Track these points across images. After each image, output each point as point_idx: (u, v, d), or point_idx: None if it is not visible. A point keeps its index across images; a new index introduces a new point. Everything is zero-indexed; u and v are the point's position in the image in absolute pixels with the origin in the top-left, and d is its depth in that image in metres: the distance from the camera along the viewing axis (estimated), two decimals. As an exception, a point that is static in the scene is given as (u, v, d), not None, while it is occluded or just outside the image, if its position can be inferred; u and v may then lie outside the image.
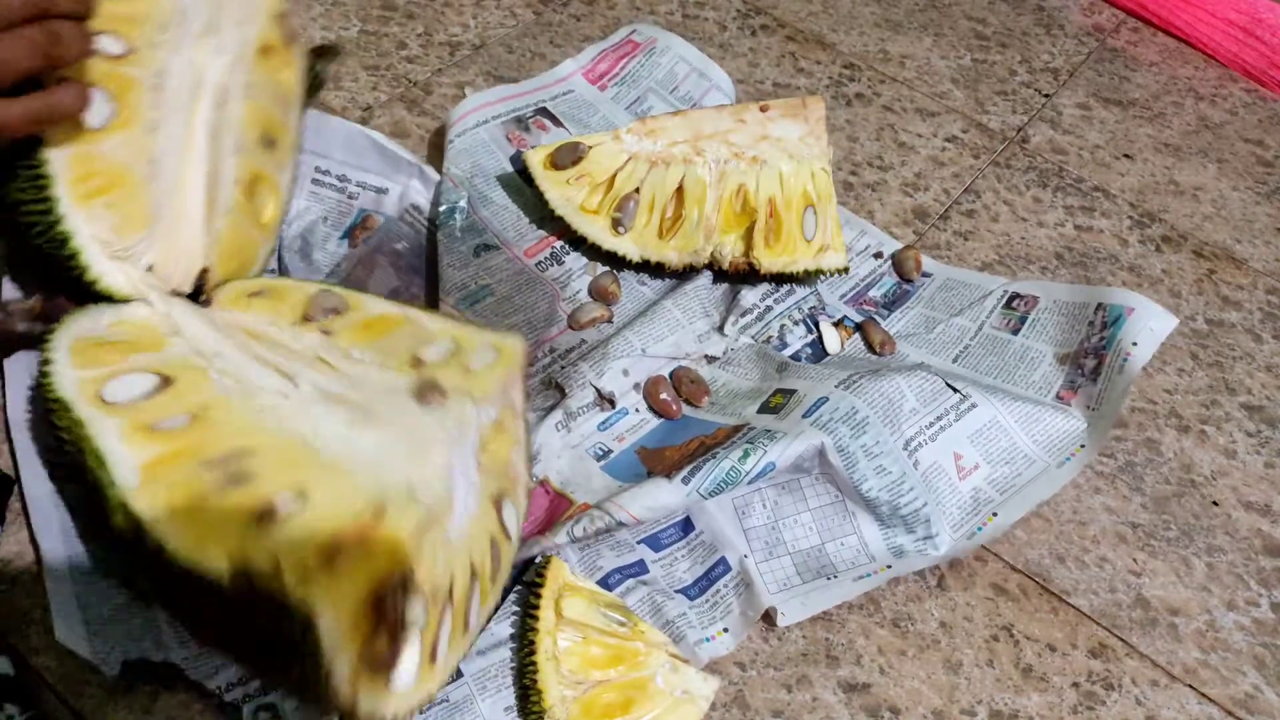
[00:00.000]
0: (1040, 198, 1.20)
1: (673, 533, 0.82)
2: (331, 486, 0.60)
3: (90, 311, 0.70)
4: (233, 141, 0.74)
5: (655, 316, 0.95)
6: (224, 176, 0.73)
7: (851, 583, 0.81)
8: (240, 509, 0.58)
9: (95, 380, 0.64)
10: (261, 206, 0.77)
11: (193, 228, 0.73)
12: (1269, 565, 0.89)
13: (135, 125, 0.68)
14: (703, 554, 0.81)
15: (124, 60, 0.67)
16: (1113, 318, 0.94)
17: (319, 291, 0.76)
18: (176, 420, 0.63)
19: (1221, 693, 0.81)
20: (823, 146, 1.00)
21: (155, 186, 0.69)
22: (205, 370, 0.67)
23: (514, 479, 0.72)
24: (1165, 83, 1.41)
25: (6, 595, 0.73)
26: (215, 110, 0.72)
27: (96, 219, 0.66)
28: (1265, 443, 0.99)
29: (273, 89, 0.76)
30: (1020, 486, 0.87)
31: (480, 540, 0.67)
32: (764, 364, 0.95)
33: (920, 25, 1.43)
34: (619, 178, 0.98)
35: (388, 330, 0.74)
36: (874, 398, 0.87)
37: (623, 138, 1.00)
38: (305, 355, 0.69)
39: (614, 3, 1.35)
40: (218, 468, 0.60)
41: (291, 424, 0.64)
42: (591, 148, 0.99)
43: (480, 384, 0.70)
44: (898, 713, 0.76)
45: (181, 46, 0.69)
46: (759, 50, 1.33)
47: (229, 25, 0.72)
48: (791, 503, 0.83)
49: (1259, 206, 1.25)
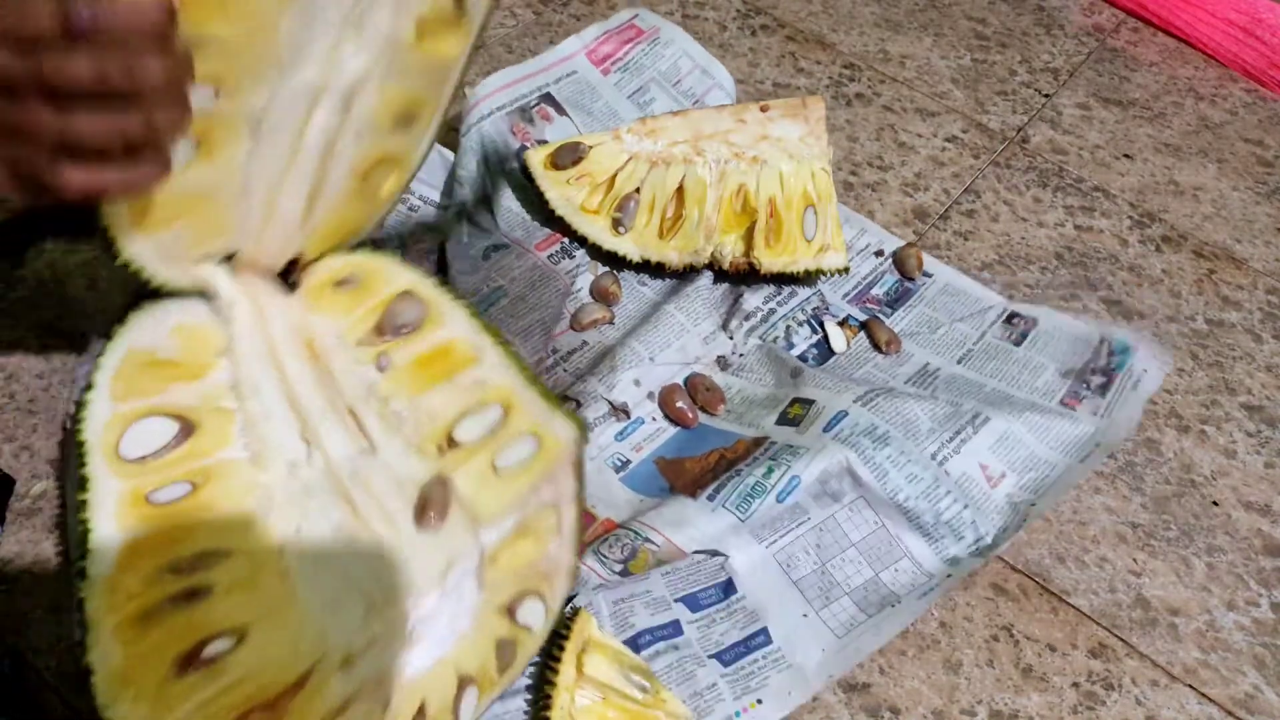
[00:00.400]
0: (1040, 198, 1.20)
1: (713, 594, 0.78)
2: (272, 632, 0.60)
3: (156, 309, 0.69)
4: (354, 131, 0.71)
5: (659, 322, 0.95)
6: (334, 173, 0.72)
7: (917, 601, 0.80)
8: (172, 644, 0.58)
9: (122, 420, 0.65)
10: (379, 184, 0.76)
11: (287, 229, 0.72)
12: (1269, 565, 0.89)
13: (220, 156, 0.65)
14: (743, 619, 0.78)
15: (218, 103, 0.63)
16: (1120, 348, 0.97)
17: (401, 294, 0.73)
18: (176, 491, 0.64)
19: (1221, 693, 0.81)
20: (823, 146, 1.00)
21: (244, 202, 0.68)
22: (232, 416, 0.67)
23: (546, 573, 0.69)
24: (1165, 83, 1.41)
25: (6, 595, 0.73)
26: (337, 114, 0.69)
27: (171, 237, 0.66)
28: (1265, 443, 0.99)
29: (424, 65, 0.73)
30: (1052, 483, 0.88)
31: (477, 651, 0.65)
32: (776, 367, 0.95)
33: (920, 25, 1.43)
34: (619, 178, 0.98)
35: (446, 374, 0.71)
36: (892, 416, 0.87)
37: (623, 137, 0.99)
38: (343, 400, 0.69)
39: (614, 3, 1.35)
40: (181, 574, 0.61)
41: (280, 517, 0.64)
42: (592, 148, 0.99)
43: (496, 496, 0.67)
44: (898, 713, 0.76)
45: (297, 68, 0.66)
46: (759, 50, 1.33)
47: (374, 23, 0.68)
48: (833, 541, 0.82)
49: (1259, 206, 1.25)
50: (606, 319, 0.96)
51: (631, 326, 0.96)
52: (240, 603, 0.61)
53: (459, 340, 0.72)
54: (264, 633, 0.60)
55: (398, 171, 0.78)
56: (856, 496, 0.83)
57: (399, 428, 0.69)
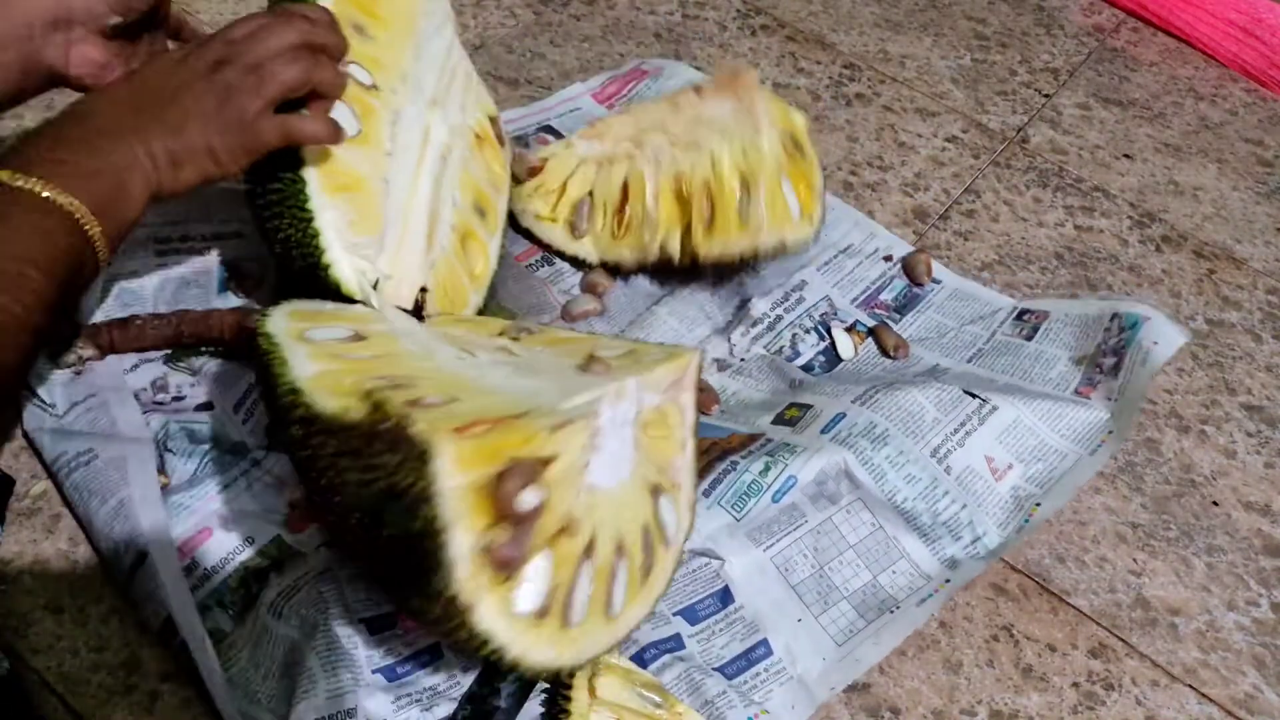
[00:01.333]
0: (1040, 198, 1.20)
1: (711, 604, 0.78)
2: (480, 399, 0.63)
3: (313, 301, 0.75)
4: (450, 195, 0.82)
5: (651, 326, 0.95)
6: (443, 219, 0.81)
7: (915, 608, 0.79)
8: (395, 398, 0.60)
9: (302, 324, 0.70)
10: (474, 260, 0.84)
11: (415, 250, 0.79)
12: (1269, 565, 0.89)
13: (374, 146, 0.77)
14: (743, 631, 0.77)
15: (370, 91, 0.77)
16: (1130, 323, 0.95)
17: (516, 321, 0.82)
18: (360, 355, 0.69)
19: (1221, 693, 0.81)
20: (759, 119, 0.93)
21: (387, 202, 0.77)
22: (396, 337, 0.72)
23: (675, 484, 0.71)
24: (1165, 83, 1.42)
25: (6, 595, 0.73)
26: (439, 162, 0.81)
27: (338, 208, 0.74)
28: (1265, 443, 0.99)
29: (484, 169, 0.86)
30: (1058, 478, 0.88)
31: (630, 516, 0.66)
32: (776, 377, 0.94)
33: (920, 25, 1.43)
34: (570, 183, 0.98)
35: (571, 341, 0.77)
36: (892, 411, 0.86)
37: (574, 143, 0.99)
38: (491, 345, 0.75)
39: (614, 3, 1.35)
40: (383, 380, 0.64)
41: (458, 370, 0.69)
42: (546, 159, 0.99)
43: (648, 371, 0.69)
44: (898, 713, 0.76)
45: (415, 101, 0.80)
46: (759, 50, 1.33)
47: (454, 105, 0.83)
48: (831, 544, 0.81)
49: (1259, 206, 1.25)
50: (596, 311, 0.96)
51: (623, 326, 0.96)
52: (444, 391, 0.63)
53: (574, 333, 0.81)
54: (473, 399, 0.62)
55: (483, 255, 0.86)
56: (854, 498, 0.83)
57: (546, 353, 0.74)
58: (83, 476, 0.76)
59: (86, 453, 0.77)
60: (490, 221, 0.87)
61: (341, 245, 0.75)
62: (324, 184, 0.74)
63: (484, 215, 0.86)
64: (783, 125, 0.95)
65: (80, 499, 0.76)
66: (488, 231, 0.87)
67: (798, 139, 0.97)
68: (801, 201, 0.94)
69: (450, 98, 0.83)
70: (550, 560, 0.60)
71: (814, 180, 0.96)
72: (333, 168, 0.74)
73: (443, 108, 0.82)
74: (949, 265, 1.08)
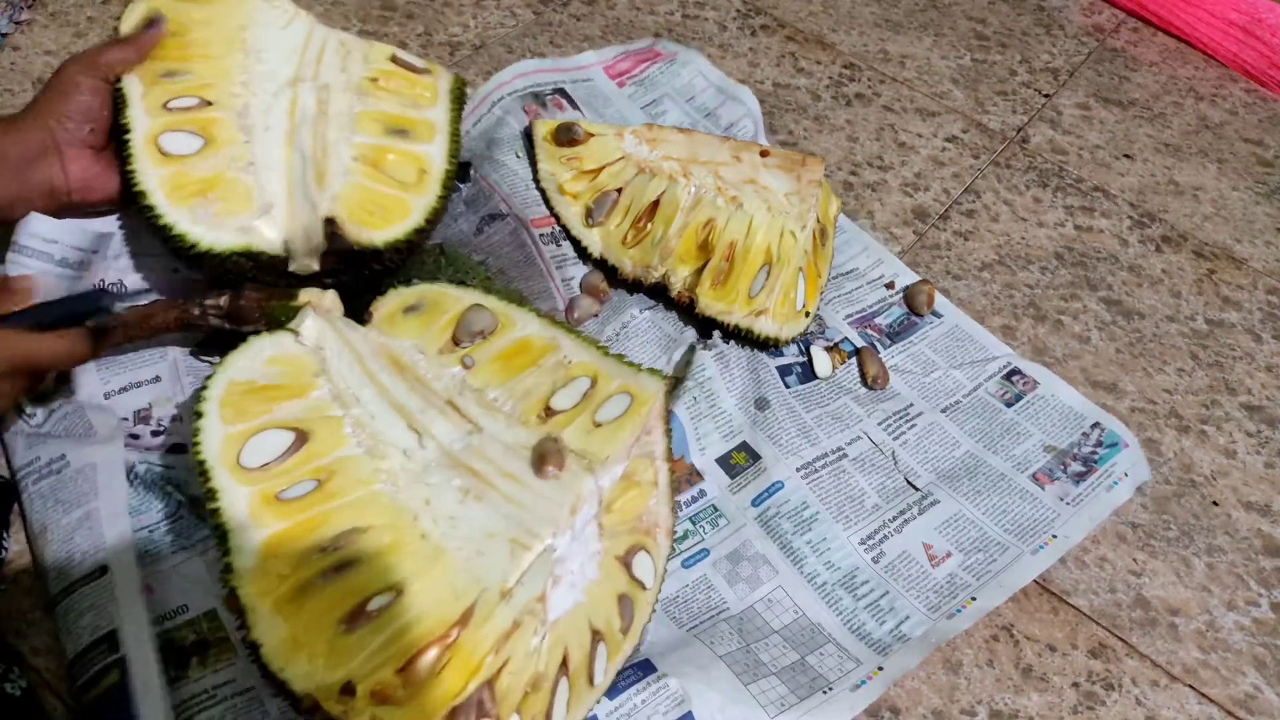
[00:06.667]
0: (1040, 198, 1.20)
1: (630, 674, 0.73)
2: (426, 581, 0.64)
3: (248, 349, 0.75)
4: (342, 136, 0.87)
5: (648, 337, 0.95)
6: (335, 157, 0.86)
7: (849, 693, 0.75)
8: (333, 609, 0.62)
9: (238, 439, 0.70)
10: (402, 170, 0.87)
11: (305, 198, 0.84)
12: (1269, 565, 0.89)
13: (224, 144, 0.83)
14: (666, 704, 0.72)
15: (202, 108, 0.84)
16: (1109, 441, 0.93)
17: (470, 308, 0.79)
18: (302, 488, 0.68)
19: (1221, 693, 0.81)
20: (805, 210, 0.96)
21: (258, 178, 0.83)
22: (340, 421, 0.72)
23: (649, 528, 0.74)
24: (1165, 83, 1.42)
25: (6, 595, 0.73)
26: (314, 121, 0.87)
27: (196, 208, 0.80)
28: (1265, 443, 0.99)
29: (395, 98, 0.91)
30: (996, 573, 0.84)
31: (604, 603, 0.69)
32: (751, 380, 0.93)
33: (920, 25, 1.43)
34: (606, 172, 0.99)
35: (530, 362, 0.76)
36: (830, 493, 0.87)
37: (625, 136, 1.00)
38: (441, 398, 0.74)
39: (614, 3, 1.35)
40: (327, 552, 0.65)
41: (407, 495, 0.68)
42: (592, 136, 1.00)
43: (604, 444, 0.71)
44: (898, 713, 0.76)
45: (265, 90, 0.87)
46: (759, 50, 1.33)
47: (329, 70, 0.90)
48: (755, 629, 0.79)
49: (1259, 206, 1.25)
50: (596, 314, 0.96)
51: (616, 330, 0.95)
52: (390, 564, 0.64)
53: (534, 335, 0.78)
54: (419, 582, 0.64)
55: (414, 163, 0.87)
56: (775, 586, 0.82)
57: (498, 409, 0.73)
58: (50, 485, 0.76)
59: (59, 459, 0.77)
60: (420, 133, 0.90)
61: (215, 234, 0.80)
62: (173, 199, 0.80)
63: (406, 133, 0.89)
64: (820, 213, 0.99)
65: (40, 507, 0.75)
66: (418, 142, 0.89)
67: (826, 229, 1.01)
68: (806, 296, 0.96)
69: (323, 69, 0.90)
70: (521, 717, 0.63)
71: (824, 270, 1.00)
72: (179, 182, 0.80)
73: (312, 80, 0.89)
74: (961, 311, 1.04)
